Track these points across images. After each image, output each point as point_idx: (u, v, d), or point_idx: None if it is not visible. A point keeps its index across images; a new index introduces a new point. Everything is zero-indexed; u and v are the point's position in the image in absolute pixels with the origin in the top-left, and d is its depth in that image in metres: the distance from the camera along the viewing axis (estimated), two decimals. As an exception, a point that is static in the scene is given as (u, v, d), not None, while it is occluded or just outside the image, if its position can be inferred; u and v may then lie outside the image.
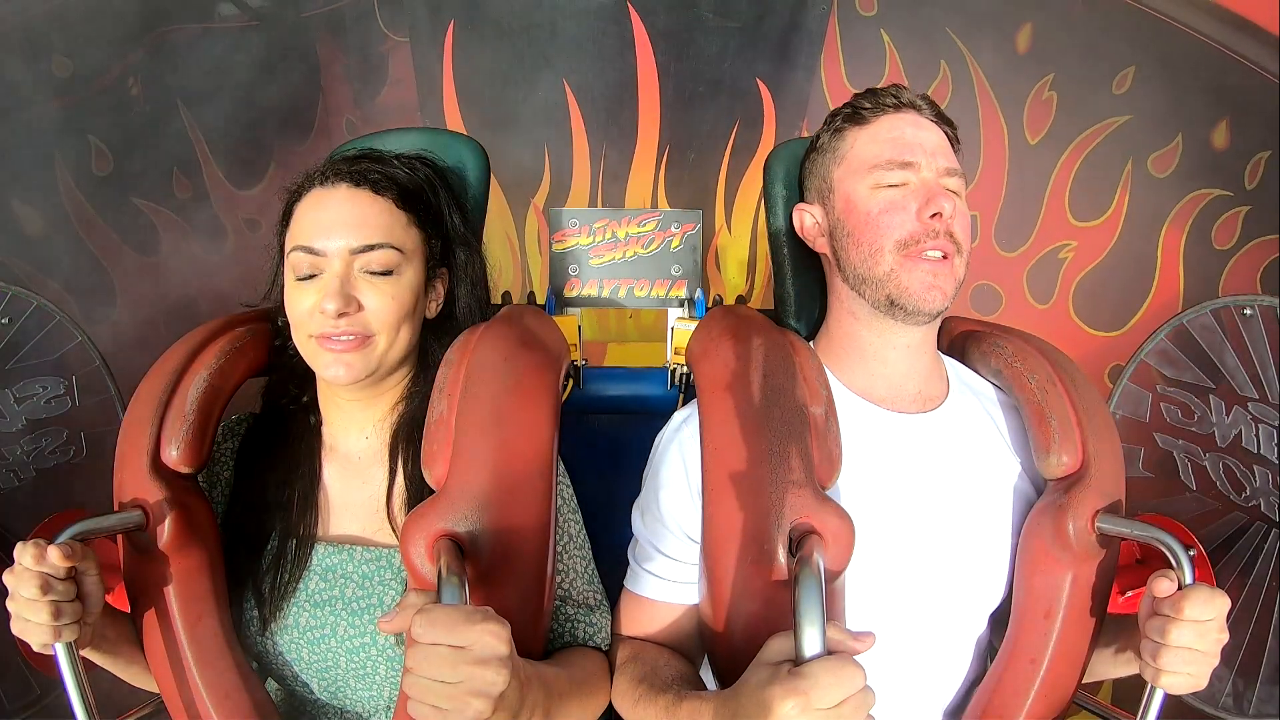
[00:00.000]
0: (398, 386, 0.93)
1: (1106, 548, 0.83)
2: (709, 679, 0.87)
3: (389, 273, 0.87)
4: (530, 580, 0.79)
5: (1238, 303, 1.35)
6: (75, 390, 1.36)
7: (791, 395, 0.82)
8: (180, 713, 0.84)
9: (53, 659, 0.74)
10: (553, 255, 1.28)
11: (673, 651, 0.88)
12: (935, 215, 0.85)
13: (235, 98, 1.89)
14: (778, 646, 0.67)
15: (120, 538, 0.86)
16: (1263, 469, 1.28)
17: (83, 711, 0.74)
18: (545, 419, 0.83)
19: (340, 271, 0.85)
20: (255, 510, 0.91)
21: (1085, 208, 1.97)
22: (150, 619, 0.84)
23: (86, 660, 0.81)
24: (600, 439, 1.22)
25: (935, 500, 0.88)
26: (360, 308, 0.85)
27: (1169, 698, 0.76)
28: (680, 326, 1.23)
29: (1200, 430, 1.34)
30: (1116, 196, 1.94)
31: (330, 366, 0.86)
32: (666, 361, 1.25)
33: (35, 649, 0.75)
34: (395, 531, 0.89)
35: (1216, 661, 0.74)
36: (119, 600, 0.88)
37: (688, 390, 1.20)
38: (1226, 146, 1.88)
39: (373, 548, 0.89)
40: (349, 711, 0.92)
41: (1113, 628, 0.87)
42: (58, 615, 0.73)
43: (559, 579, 0.88)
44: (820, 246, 0.96)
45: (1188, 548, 0.75)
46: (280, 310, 0.92)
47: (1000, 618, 0.91)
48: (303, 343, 0.88)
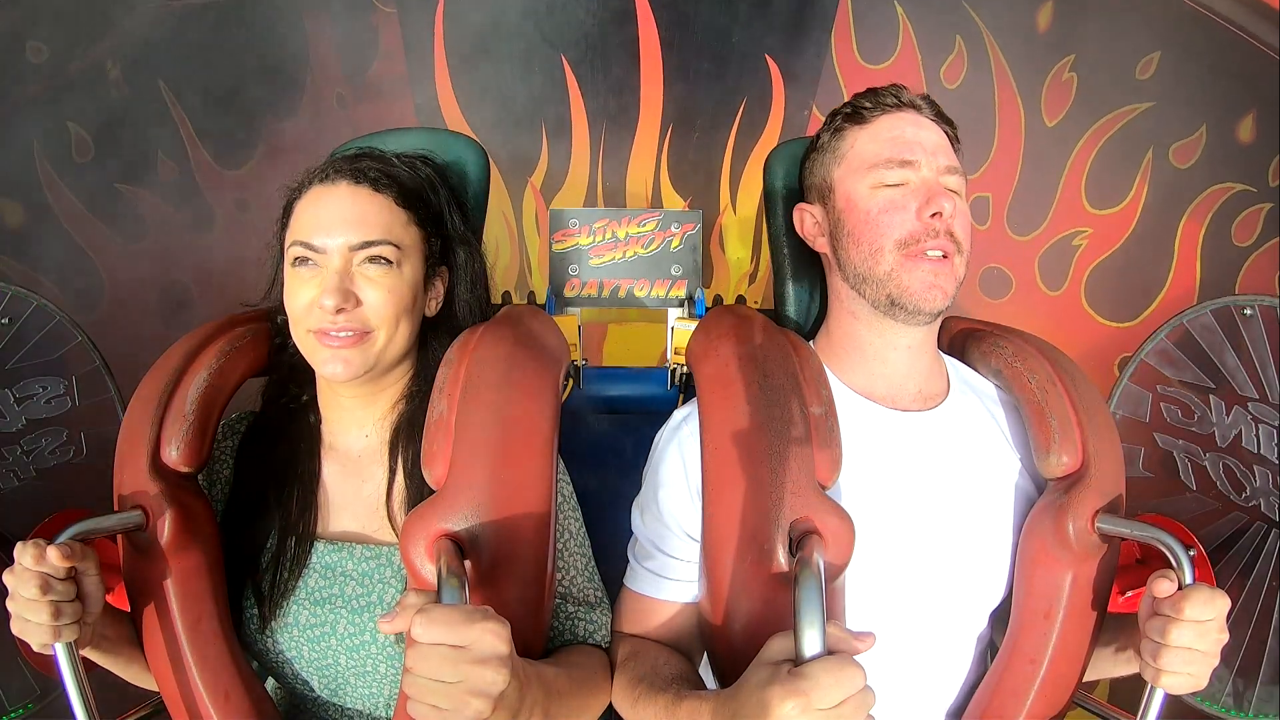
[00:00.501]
0: (397, 384, 0.93)
1: (1106, 547, 0.83)
2: (709, 677, 0.87)
3: (388, 267, 0.87)
4: (530, 580, 0.79)
5: (1238, 303, 1.35)
6: (75, 390, 1.35)
7: (791, 395, 0.82)
8: (180, 712, 0.84)
9: (53, 659, 0.74)
10: (553, 255, 1.28)
11: (672, 650, 0.88)
12: (935, 215, 0.85)
13: (219, 76, 1.82)
14: (778, 646, 0.67)
15: (120, 538, 0.86)
16: (1263, 469, 1.28)
17: (83, 711, 0.74)
18: (545, 419, 0.83)
19: (339, 267, 0.85)
20: (255, 508, 0.91)
21: (1102, 195, 1.91)
22: (150, 619, 0.84)
23: (86, 660, 0.81)
24: (600, 439, 1.22)
25: (936, 499, 0.88)
26: (358, 303, 0.85)
27: (1169, 698, 0.76)
28: (680, 326, 1.23)
29: (1200, 430, 1.33)
30: (1135, 185, 1.89)
31: (328, 363, 0.86)
32: (667, 361, 1.25)
33: (35, 649, 0.75)
34: (395, 530, 0.89)
35: (1216, 661, 0.74)
36: (119, 600, 0.87)
37: (688, 390, 1.20)
38: (1252, 140, 1.82)
39: (372, 545, 0.89)
40: (349, 709, 0.92)
41: (1113, 627, 0.87)
42: (57, 615, 0.73)
43: (559, 577, 0.88)
44: (820, 246, 0.96)
45: (1188, 548, 0.75)
46: (280, 309, 0.92)
47: (1002, 616, 0.91)
48: (301, 338, 0.88)
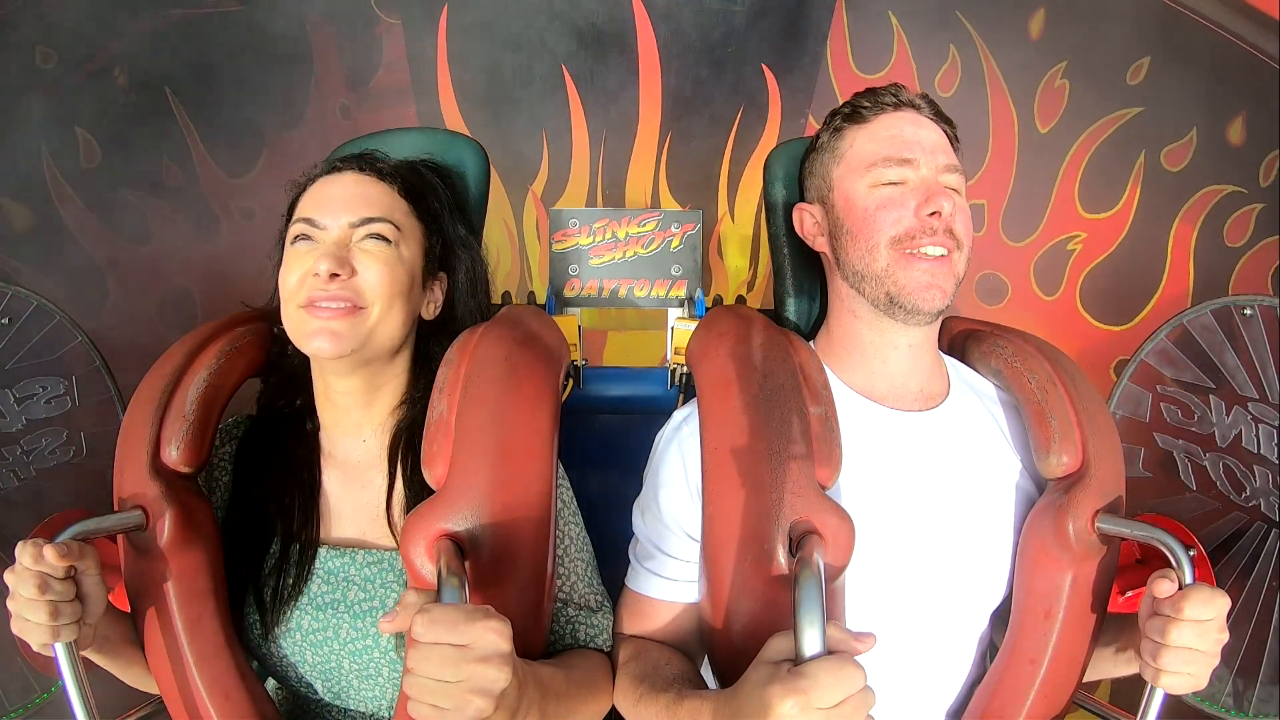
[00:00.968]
0: (394, 386, 0.92)
1: (1106, 547, 0.83)
2: (710, 677, 0.87)
3: (387, 246, 0.86)
4: (530, 580, 0.79)
5: (1238, 303, 1.35)
6: (75, 390, 1.35)
7: (791, 395, 0.82)
8: (180, 713, 0.84)
9: (53, 659, 0.74)
10: (553, 255, 1.28)
11: (674, 650, 0.88)
12: (934, 214, 0.85)
13: (225, 84, 1.84)
14: (779, 645, 0.67)
15: (120, 538, 0.85)
16: (1263, 469, 1.28)
17: (83, 711, 0.74)
18: (545, 419, 0.83)
19: (337, 239, 0.85)
20: (255, 516, 0.90)
21: (1095, 199, 1.93)
22: (150, 619, 0.84)
23: (86, 660, 0.81)
24: (600, 439, 1.22)
25: (936, 499, 0.88)
26: (354, 273, 0.84)
27: (1169, 697, 0.76)
28: (680, 326, 1.23)
29: (1200, 430, 1.33)
30: (1128, 189, 1.91)
31: (315, 336, 0.82)
32: (666, 361, 1.25)
33: (35, 649, 0.75)
34: (395, 536, 0.88)
35: (1217, 661, 0.74)
36: (119, 600, 0.87)
37: (688, 390, 1.20)
38: (1242, 142, 1.85)
39: (375, 551, 0.89)
40: (353, 711, 0.92)
41: (1113, 627, 0.87)
42: (56, 615, 0.73)
43: (560, 583, 0.88)
44: (820, 246, 0.96)
45: (1188, 548, 0.75)
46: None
47: (1002, 616, 0.91)
48: (290, 317, 0.85)
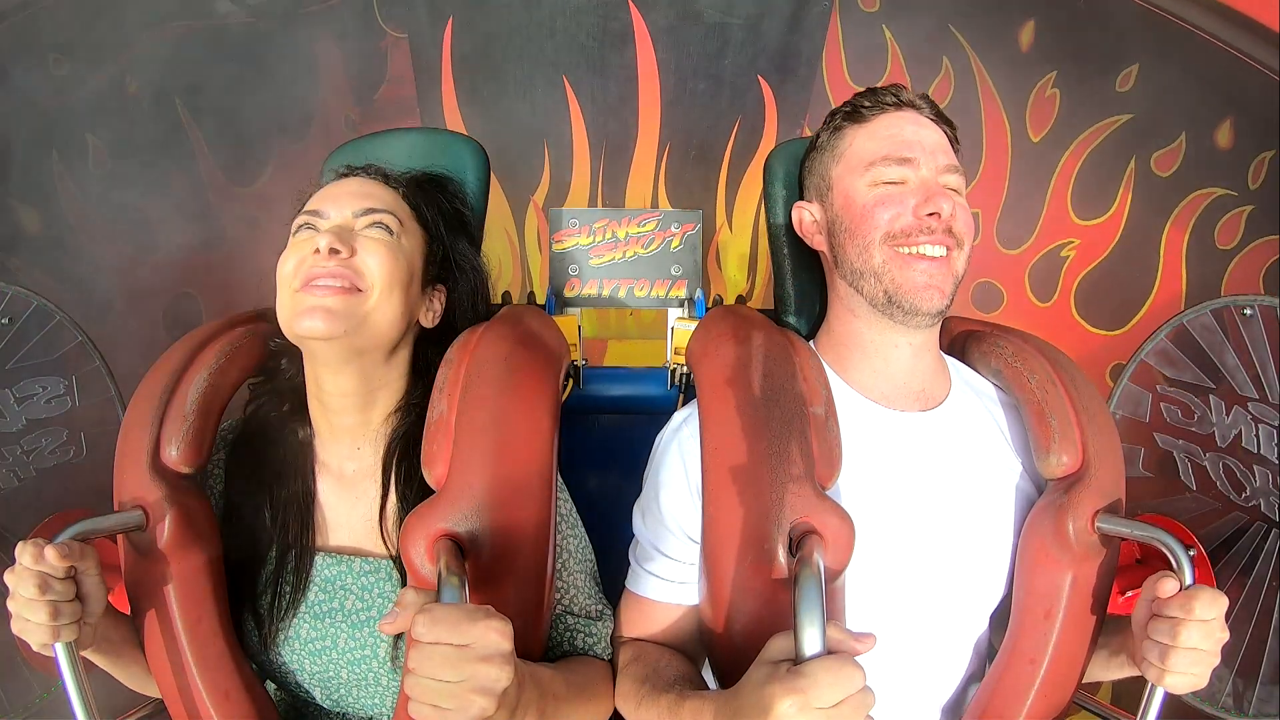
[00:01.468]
0: (390, 391, 0.90)
1: (1106, 548, 0.83)
2: (710, 679, 0.87)
3: (389, 235, 0.86)
4: (530, 580, 0.79)
5: (1238, 303, 1.35)
6: (75, 390, 1.35)
7: (791, 394, 0.82)
8: (180, 713, 0.84)
9: (53, 659, 0.74)
10: (553, 255, 1.28)
11: (674, 652, 0.88)
12: (933, 214, 0.85)
13: (233, 96, 1.87)
14: (779, 646, 0.67)
15: (120, 538, 0.85)
16: (1263, 469, 1.28)
17: (83, 711, 0.74)
18: (545, 419, 0.83)
19: (340, 223, 0.85)
20: (250, 525, 0.89)
21: (1087, 206, 1.96)
22: (150, 619, 0.84)
23: (86, 660, 0.81)
24: (600, 439, 1.22)
25: (936, 499, 0.88)
26: (354, 253, 0.83)
27: (1169, 697, 0.76)
28: (680, 326, 1.23)
29: (1200, 430, 1.33)
30: (1119, 195, 1.93)
31: (308, 315, 0.79)
32: (666, 361, 1.25)
33: (35, 649, 0.75)
34: (389, 546, 0.88)
35: (1218, 660, 0.74)
36: (119, 601, 0.87)
37: (688, 390, 1.20)
38: (1230, 146, 1.87)
39: (371, 559, 0.88)
40: (352, 715, 0.92)
41: (1106, 631, 0.87)
42: (56, 615, 0.73)
43: (560, 594, 0.88)
44: (818, 244, 0.96)
45: (1188, 548, 0.75)
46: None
47: (1001, 616, 0.91)
48: (284, 302, 0.83)
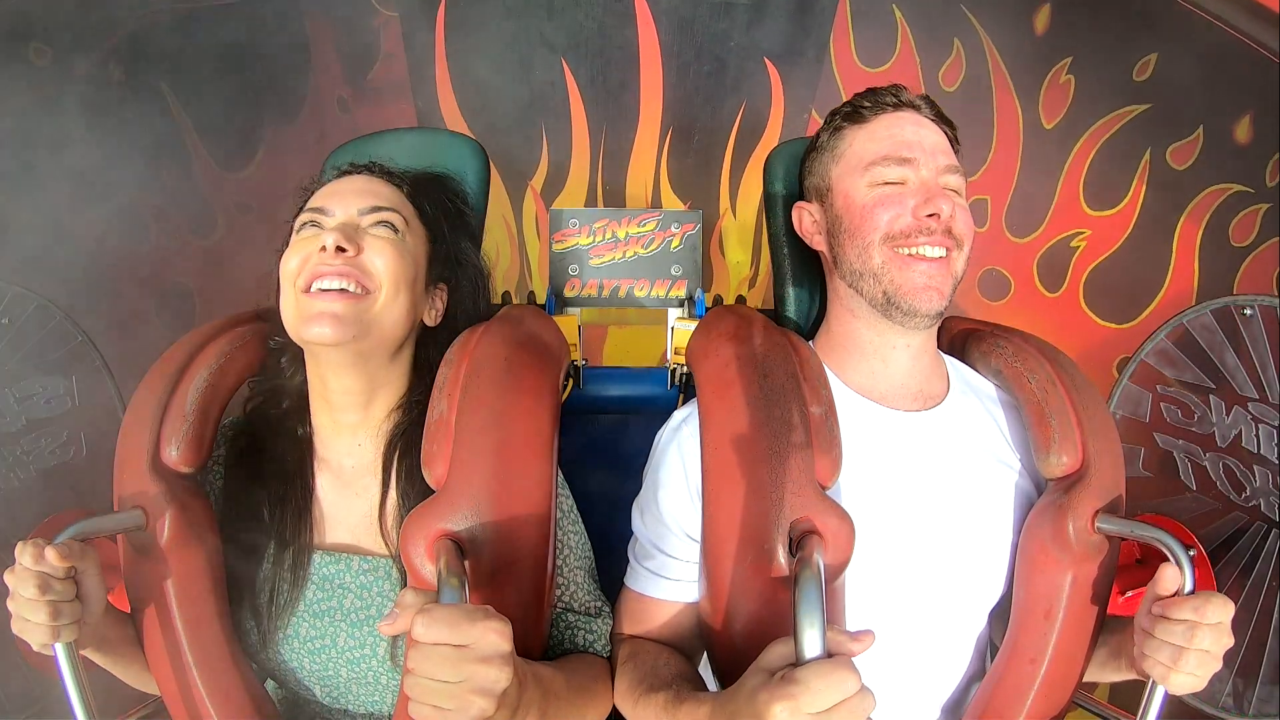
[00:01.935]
0: (392, 388, 0.90)
1: (1106, 548, 0.83)
2: (709, 677, 0.87)
3: (395, 234, 0.86)
4: (530, 580, 0.79)
5: (1238, 303, 1.35)
6: (75, 390, 1.35)
7: (791, 395, 0.82)
8: (180, 713, 0.84)
9: (53, 659, 0.74)
10: (553, 255, 1.28)
11: (672, 650, 0.88)
12: (933, 215, 0.85)
13: (221, 79, 1.81)
14: (777, 652, 0.66)
15: (120, 538, 0.85)
16: (1263, 469, 1.28)
17: (83, 711, 0.74)
18: (545, 419, 0.83)
19: (345, 221, 0.85)
20: (249, 522, 0.89)
21: (1100, 196, 1.91)
22: (150, 619, 0.84)
23: (86, 660, 0.81)
24: (600, 439, 1.22)
25: (935, 498, 0.88)
26: (361, 252, 0.83)
27: (1169, 697, 0.76)
28: (680, 326, 1.23)
29: (1200, 430, 1.34)
30: (1133, 186, 1.89)
31: (315, 321, 0.79)
32: (666, 361, 1.25)
33: (35, 649, 0.75)
34: (388, 544, 0.88)
35: (1220, 664, 0.75)
36: (119, 600, 0.87)
37: (688, 390, 1.20)
38: (1249, 141, 1.81)
39: (370, 557, 0.88)
40: (351, 713, 0.92)
41: (1106, 631, 0.87)
42: (56, 615, 0.73)
43: (560, 591, 0.88)
44: (818, 245, 0.96)
45: (1188, 548, 0.75)
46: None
47: (1001, 615, 0.91)
48: (289, 304, 0.83)
